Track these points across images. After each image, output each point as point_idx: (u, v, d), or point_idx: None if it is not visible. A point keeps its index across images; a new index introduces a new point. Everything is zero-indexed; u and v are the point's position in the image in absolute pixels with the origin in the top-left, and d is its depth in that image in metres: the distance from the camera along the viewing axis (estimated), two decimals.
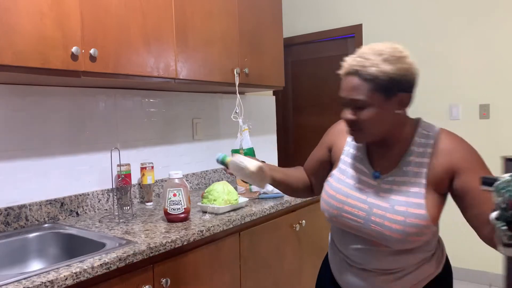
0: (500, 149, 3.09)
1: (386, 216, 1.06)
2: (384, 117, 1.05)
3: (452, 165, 1.05)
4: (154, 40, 1.81)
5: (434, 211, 1.05)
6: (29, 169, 1.74)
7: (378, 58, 1.02)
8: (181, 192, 1.68)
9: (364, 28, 3.65)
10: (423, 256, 1.12)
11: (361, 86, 1.03)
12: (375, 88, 1.02)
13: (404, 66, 1.03)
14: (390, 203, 1.07)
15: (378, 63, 1.01)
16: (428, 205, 1.04)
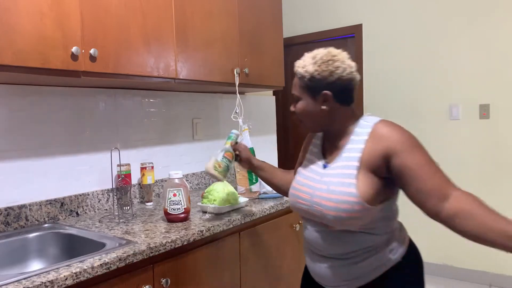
0: (500, 149, 3.09)
1: (323, 196, 1.20)
2: (312, 111, 1.24)
3: (388, 149, 1.14)
4: (154, 40, 1.81)
5: (366, 190, 1.14)
6: (29, 169, 1.74)
7: (310, 60, 1.22)
8: (181, 192, 1.68)
9: (364, 28, 3.65)
10: (372, 242, 1.19)
11: (296, 83, 1.27)
12: (303, 85, 1.24)
13: (329, 68, 1.19)
14: (327, 185, 1.21)
15: (306, 64, 1.22)
16: (359, 184, 1.15)
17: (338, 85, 1.21)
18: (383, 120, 1.21)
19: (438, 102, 3.33)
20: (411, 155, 1.11)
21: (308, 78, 1.22)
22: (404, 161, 1.12)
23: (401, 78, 3.48)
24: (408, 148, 1.12)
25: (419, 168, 1.10)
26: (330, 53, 1.22)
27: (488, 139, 3.13)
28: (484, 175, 3.15)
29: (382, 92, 3.57)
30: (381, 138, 1.16)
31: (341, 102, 1.23)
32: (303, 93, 1.25)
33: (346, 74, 1.21)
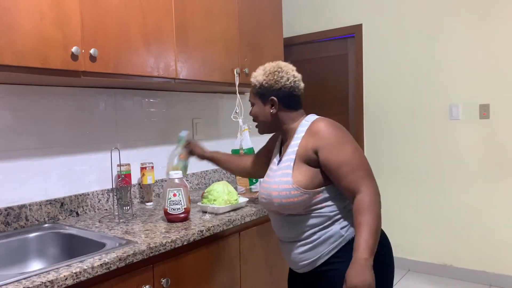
0: (500, 149, 3.09)
1: (272, 187, 1.38)
2: (263, 114, 1.46)
3: (316, 143, 1.31)
4: (154, 40, 1.81)
5: (299, 178, 1.32)
6: (29, 169, 1.74)
7: (261, 71, 1.46)
8: (181, 192, 1.68)
9: (364, 28, 3.65)
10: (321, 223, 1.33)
11: (251, 91, 1.49)
12: (255, 92, 1.46)
13: (274, 77, 1.42)
14: (274, 178, 1.40)
15: (257, 75, 1.45)
16: (294, 173, 1.33)
17: (282, 92, 1.42)
18: (319, 118, 1.39)
19: (438, 102, 3.33)
20: (333, 153, 1.28)
21: (258, 86, 1.44)
22: (326, 157, 1.29)
23: (401, 78, 3.48)
24: (331, 145, 1.29)
25: (337, 167, 1.28)
26: (277, 65, 1.45)
27: (488, 139, 3.13)
28: (484, 175, 3.15)
29: (382, 92, 3.57)
30: (313, 133, 1.34)
31: (286, 106, 1.44)
32: (256, 99, 1.47)
33: (289, 83, 1.42)
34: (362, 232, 1.22)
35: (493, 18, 3.06)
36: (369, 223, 1.22)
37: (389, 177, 3.58)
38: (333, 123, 1.35)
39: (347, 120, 3.84)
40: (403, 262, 3.53)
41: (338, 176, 1.28)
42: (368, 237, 1.21)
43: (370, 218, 1.23)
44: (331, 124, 1.34)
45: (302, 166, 1.33)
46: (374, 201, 1.25)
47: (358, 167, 1.28)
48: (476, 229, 3.19)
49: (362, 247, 1.21)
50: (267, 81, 1.43)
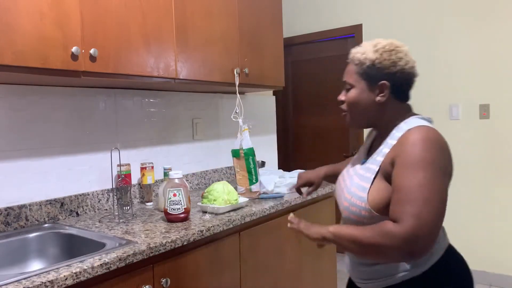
0: (500, 149, 3.09)
1: (344, 195, 1.20)
2: (365, 101, 1.17)
3: (395, 156, 1.07)
4: (154, 40, 1.81)
5: (376, 198, 1.09)
6: (29, 169, 1.74)
7: (371, 48, 1.16)
8: (181, 192, 1.68)
9: (364, 28, 3.65)
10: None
11: (351, 70, 1.19)
12: (360, 72, 1.16)
13: (391, 58, 1.13)
14: (351, 184, 1.19)
15: (367, 51, 1.16)
16: (371, 190, 1.10)
17: (398, 78, 1.14)
18: (420, 128, 1.08)
19: (438, 102, 3.33)
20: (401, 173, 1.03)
21: (368, 65, 1.15)
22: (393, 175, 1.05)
23: None
24: (405, 164, 1.03)
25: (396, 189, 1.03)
26: (393, 44, 1.16)
27: (488, 139, 3.13)
28: (484, 175, 3.15)
29: None
30: (401, 145, 1.07)
31: (396, 96, 1.16)
32: (359, 81, 1.17)
33: (408, 67, 1.14)
34: (355, 228, 1.07)
35: (493, 18, 3.06)
36: (365, 236, 1.02)
37: None
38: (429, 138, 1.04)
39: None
40: None
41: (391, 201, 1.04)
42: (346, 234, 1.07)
43: (372, 237, 1.01)
44: (424, 139, 1.04)
45: (382, 184, 1.09)
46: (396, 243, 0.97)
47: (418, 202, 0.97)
48: (476, 229, 3.19)
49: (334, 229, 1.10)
50: (381, 60, 1.13)
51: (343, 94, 1.22)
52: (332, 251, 2.56)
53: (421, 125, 1.09)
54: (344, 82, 1.21)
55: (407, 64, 1.14)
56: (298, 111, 4.11)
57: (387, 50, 1.14)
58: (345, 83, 1.21)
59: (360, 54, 1.17)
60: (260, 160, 2.71)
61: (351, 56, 1.20)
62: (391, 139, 1.13)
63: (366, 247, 1.04)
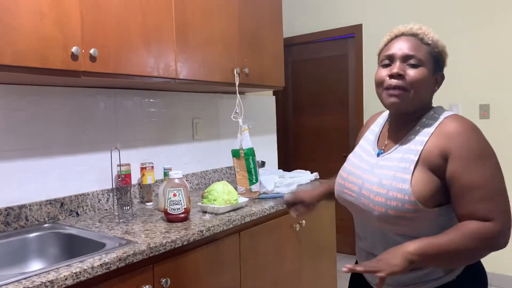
0: (500, 149, 3.08)
1: (372, 189, 1.07)
2: (427, 85, 1.09)
3: (447, 149, 1.01)
4: (154, 40, 1.81)
5: (421, 188, 1.00)
6: (29, 169, 1.74)
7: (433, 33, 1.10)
8: (181, 192, 1.68)
9: (364, 28, 3.65)
10: None
11: (420, 46, 1.08)
12: (432, 53, 1.08)
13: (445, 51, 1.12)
14: (378, 177, 1.08)
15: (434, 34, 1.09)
16: (414, 181, 1.01)
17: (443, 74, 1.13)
18: (455, 116, 1.06)
19: (438, 102, 3.32)
20: (468, 169, 0.97)
21: (439, 51, 1.10)
22: (457, 172, 0.98)
23: None
24: (469, 158, 0.98)
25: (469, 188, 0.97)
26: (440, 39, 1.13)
27: (488, 139, 3.13)
28: None
29: None
30: (447, 135, 1.02)
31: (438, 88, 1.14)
32: (428, 62, 1.08)
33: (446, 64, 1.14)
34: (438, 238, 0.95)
35: (493, 18, 3.06)
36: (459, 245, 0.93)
37: None
38: (474, 127, 1.03)
39: (347, 120, 3.84)
40: None
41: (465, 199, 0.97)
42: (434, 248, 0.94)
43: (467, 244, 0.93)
44: (472, 129, 1.01)
45: (426, 174, 1.02)
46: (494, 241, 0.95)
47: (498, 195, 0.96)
48: None
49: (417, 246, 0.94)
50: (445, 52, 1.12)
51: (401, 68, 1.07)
52: (332, 251, 2.56)
53: (456, 114, 1.07)
54: (407, 55, 1.07)
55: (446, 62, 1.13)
56: (298, 111, 4.11)
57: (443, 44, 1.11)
58: (407, 57, 1.07)
59: (432, 35, 1.09)
60: (260, 160, 2.71)
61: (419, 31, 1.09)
62: (423, 127, 1.07)
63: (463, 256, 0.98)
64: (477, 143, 1.00)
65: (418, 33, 1.09)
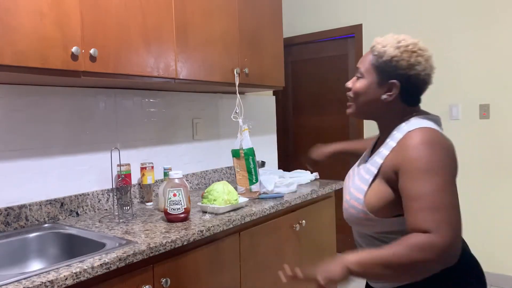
0: (500, 149, 3.08)
1: (345, 196, 1.18)
2: (371, 95, 1.14)
3: (399, 163, 1.03)
4: (154, 40, 1.81)
5: (373, 200, 1.07)
6: (29, 169, 1.74)
7: (394, 42, 1.12)
8: (181, 192, 1.68)
9: (364, 28, 3.65)
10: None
11: (368, 59, 1.15)
12: (376, 64, 1.13)
13: (411, 60, 1.09)
14: (351, 185, 1.17)
15: (389, 45, 1.11)
16: (369, 193, 1.08)
17: (411, 81, 1.10)
18: (420, 130, 1.05)
19: (438, 102, 3.33)
20: (413, 182, 0.98)
21: (385, 60, 1.11)
22: (403, 185, 1.00)
23: None
24: (415, 171, 0.98)
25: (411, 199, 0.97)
26: (417, 45, 1.11)
27: (488, 139, 3.13)
28: (484, 175, 3.15)
29: None
30: (402, 149, 1.04)
31: (404, 99, 1.13)
32: (371, 73, 1.14)
33: (424, 74, 1.10)
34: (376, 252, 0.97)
35: (493, 18, 3.06)
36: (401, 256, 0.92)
37: None
38: (432, 141, 1.01)
39: (347, 120, 3.84)
40: None
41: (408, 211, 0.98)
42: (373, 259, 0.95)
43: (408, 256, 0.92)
44: (428, 143, 1.01)
45: (382, 186, 1.07)
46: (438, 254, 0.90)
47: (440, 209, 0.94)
48: (476, 229, 3.19)
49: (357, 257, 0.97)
50: (399, 59, 1.09)
51: (353, 81, 1.18)
52: (332, 251, 2.56)
53: (422, 127, 1.05)
54: (357, 68, 1.18)
55: (424, 70, 1.10)
56: (298, 111, 4.11)
57: (409, 50, 1.10)
58: (357, 70, 1.17)
59: (381, 46, 1.13)
60: (260, 160, 2.71)
61: (372, 44, 1.16)
62: (391, 140, 1.10)
63: (402, 268, 0.94)
64: (427, 158, 0.99)
65: (373, 45, 1.16)
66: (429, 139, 1.02)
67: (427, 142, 1.01)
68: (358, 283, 1.32)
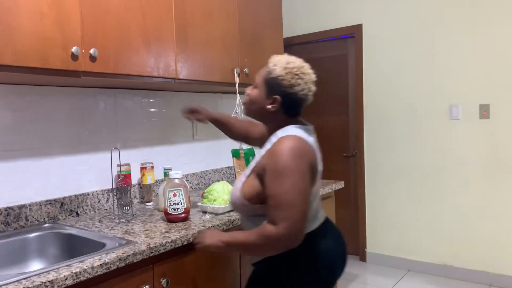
0: (500, 149, 3.08)
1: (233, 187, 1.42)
2: (260, 104, 1.36)
3: (265, 165, 1.28)
4: (154, 40, 1.81)
5: (246, 190, 1.34)
6: (29, 169, 1.74)
7: (283, 63, 1.33)
8: (181, 192, 1.68)
9: (364, 28, 3.65)
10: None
11: (262, 73, 1.37)
12: (266, 78, 1.34)
13: (291, 80, 1.30)
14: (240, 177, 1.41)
15: (279, 64, 1.32)
16: (243, 187, 1.35)
17: (290, 98, 1.33)
18: (287, 137, 1.28)
19: (438, 102, 3.33)
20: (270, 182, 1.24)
21: (272, 77, 1.33)
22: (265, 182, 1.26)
23: (401, 78, 3.48)
24: (272, 174, 1.24)
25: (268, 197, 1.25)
26: (302, 69, 1.34)
27: (488, 139, 3.13)
28: (484, 175, 3.15)
29: (382, 92, 3.56)
30: (271, 153, 1.28)
31: (285, 111, 1.35)
32: (262, 85, 1.36)
33: (302, 93, 1.33)
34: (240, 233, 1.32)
35: (493, 18, 3.06)
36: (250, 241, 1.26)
37: (389, 177, 3.58)
38: (292, 148, 1.25)
39: (347, 120, 3.84)
40: (403, 262, 3.53)
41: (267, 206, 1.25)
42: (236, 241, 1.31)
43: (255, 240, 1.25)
44: (288, 150, 1.25)
45: (254, 180, 1.33)
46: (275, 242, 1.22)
47: (287, 206, 1.21)
48: (476, 229, 3.19)
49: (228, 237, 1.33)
50: (283, 79, 1.31)
51: (250, 88, 1.41)
52: None
53: (291, 135, 1.29)
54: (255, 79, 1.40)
55: (302, 91, 1.32)
56: None
57: (292, 73, 1.31)
58: (254, 80, 1.40)
59: (273, 64, 1.34)
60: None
61: (269, 60, 1.37)
62: (269, 143, 1.34)
63: (253, 250, 1.31)
64: (284, 162, 1.23)
65: (269, 60, 1.37)
66: (292, 146, 1.25)
67: (289, 149, 1.24)
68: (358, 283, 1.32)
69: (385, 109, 3.57)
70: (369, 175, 3.69)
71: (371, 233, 3.69)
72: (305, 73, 1.34)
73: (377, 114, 3.62)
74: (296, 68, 1.32)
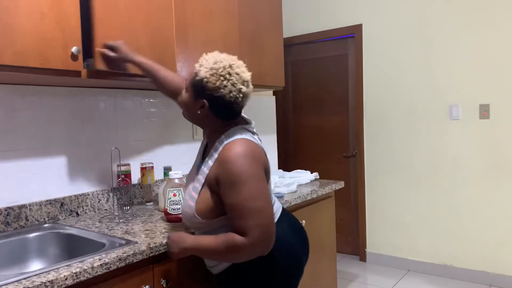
0: (500, 149, 3.09)
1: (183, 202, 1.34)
2: (191, 108, 1.29)
3: (219, 175, 1.21)
4: (155, 40, 1.81)
5: (201, 206, 1.26)
6: (29, 169, 1.74)
7: (210, 63, 1.22)
8: (181, 192, 1.68)
9: (364, 28, 3.65)
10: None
11: (189, 75, 1.28)
12: (192, 80, 1.26)
13: (217, 82, 1.20)
14: (187, 193, 1.33)
15: (204, 65, 1.22)
16: (198, 200, 1.27)
17: (217, 102, 1.23)
18: (233, 142, 1.22)
19: (438, 102, 3.33)
20: (229, 193, 1.18)
21: (196, 79, 1.23)
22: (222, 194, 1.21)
23: (401, 78, 3.48)
24: (228, 184, 1.18)
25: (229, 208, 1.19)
26: (229, 69, 1.22)
27: (488, 139, 3.13)
28: (483, 175, 3.15)
29: (382, 92, 3.57)
30: (220, 162, 1.22)
31: (216, 115, 1.26)
32: (189, 88, 1.28)
33: (229, 96, 1.22)
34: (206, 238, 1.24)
35: (493, 18, 3.06)
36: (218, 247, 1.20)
37: (389, 177, 3.58)
38: (243, 153, 1.19)
39: (347, 120, 3.84)
40: (403, 262, 3.53)
41: (230, 217, 1.21)
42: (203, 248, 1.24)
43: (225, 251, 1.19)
44: (239, 156, 1.19)
45: (208, 193, 1.26)
46: (248, 252, 1.18)
47: (251, 214, 1.15)
48: (476, 229, 3.19)
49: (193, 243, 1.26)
50: (208, 81, 1.21)
51: (184, 91, 1.32)
52: (331, 250, 2.56)
53: (237, 139, 1.22)
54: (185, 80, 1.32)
55: (230, 93, 1.21)
56: (298, 111, 4.11)
57: (218, 74, 1.20)
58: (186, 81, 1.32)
59: (199, 65, 1.24)
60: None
61: (197, 63, 1.26)
62: (215, 152, 1.26)
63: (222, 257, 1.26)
64: (238, 169, 1.17)
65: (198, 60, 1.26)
66: (242, 151, 1.19)
67: (240, 155, 1.18)
68: (358, 283, 1.31)
69: (385, 109, 3.57)
70: (369, 175, 3.69)
71: (371, 233, 3.69)
72: (233, 73, 1.22)
73: (377, 114, 3.62)
74: (222, 69, 1.21)
